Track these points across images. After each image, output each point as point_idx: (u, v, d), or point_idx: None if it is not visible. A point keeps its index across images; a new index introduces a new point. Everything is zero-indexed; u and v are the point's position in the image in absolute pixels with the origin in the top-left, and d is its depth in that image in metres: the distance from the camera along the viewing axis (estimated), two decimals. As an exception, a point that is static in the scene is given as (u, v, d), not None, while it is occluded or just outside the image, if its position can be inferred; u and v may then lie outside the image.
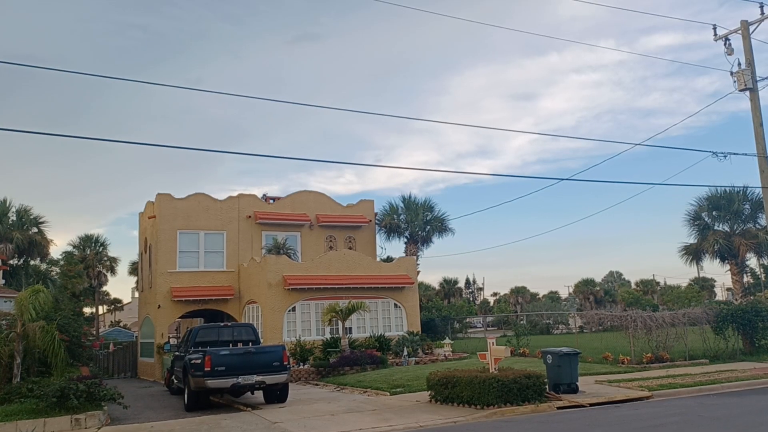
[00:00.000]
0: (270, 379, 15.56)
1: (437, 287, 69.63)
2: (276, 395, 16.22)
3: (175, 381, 19.05)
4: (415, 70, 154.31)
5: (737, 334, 23.88)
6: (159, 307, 27.50)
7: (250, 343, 17.93)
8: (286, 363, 15.92)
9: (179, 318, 30.12)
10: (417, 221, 35.31)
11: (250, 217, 29.64)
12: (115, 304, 67.33)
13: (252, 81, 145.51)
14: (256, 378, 15.38)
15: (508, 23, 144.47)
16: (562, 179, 24.93)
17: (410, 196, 36.22)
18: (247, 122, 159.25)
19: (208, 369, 15.06)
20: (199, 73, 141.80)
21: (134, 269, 50.67)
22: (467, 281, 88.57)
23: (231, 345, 17.80)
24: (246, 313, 27.61)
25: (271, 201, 31.26)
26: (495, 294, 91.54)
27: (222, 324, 19.88)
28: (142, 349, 30.76)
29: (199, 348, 16.74)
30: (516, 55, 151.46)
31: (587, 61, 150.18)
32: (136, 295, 44.09)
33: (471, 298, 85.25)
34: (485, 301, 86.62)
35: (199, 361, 15.37)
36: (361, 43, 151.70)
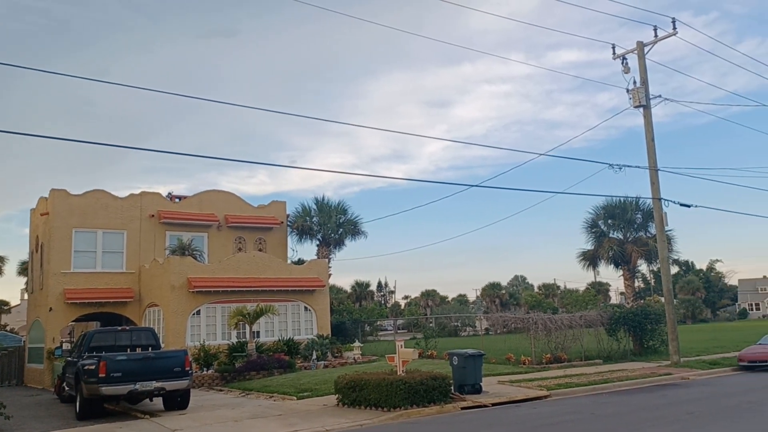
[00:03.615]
0: (170, 385, 14.97)
1: (349, 290, 69.63)
2: (177, 402, 15.64)
3: (67, 388, 17.95)
4: (333, 74, 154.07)
5: (628, 335, 25.40)
6: (51, 309, 25.75)
7: (150, 348, 17.29)
8: (187, 368, 15.38)
9: (73, 321, 28.33)
10: (330, 224, 35.12)
11: (153, 216, 28.36)
12: (2, 307, 62.47)
13: (162, 76, 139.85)
14: (155, 384, 14.76)
15: (423, 32, 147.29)
16: (472, 185, 25.71)
17: (323, 199, 35.96)
18: (155, 118, 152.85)
19: (103, 375, 14.29)
20: (104, 64, 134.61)
21: (24, 269, 47.16)
22: (379, 284, 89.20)
23: (129, 350, 17.08)
24: (147, 316, 26.39)
25: (177, 200, 30.07)
26: (406, 297, 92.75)
27: (119, 328, 18.94)
28: (31, 355, 28.69)
29: (94, 353, 15.84)
30: (431, 63, 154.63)
31: (498, 72, 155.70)
32: (26, 297, 41.16)
33: (383, 301, 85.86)
34: (396, 304, 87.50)
35: (93, 367, 14.54)
36: (279, 43, 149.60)
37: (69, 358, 18.05)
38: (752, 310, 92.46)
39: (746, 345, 24.21)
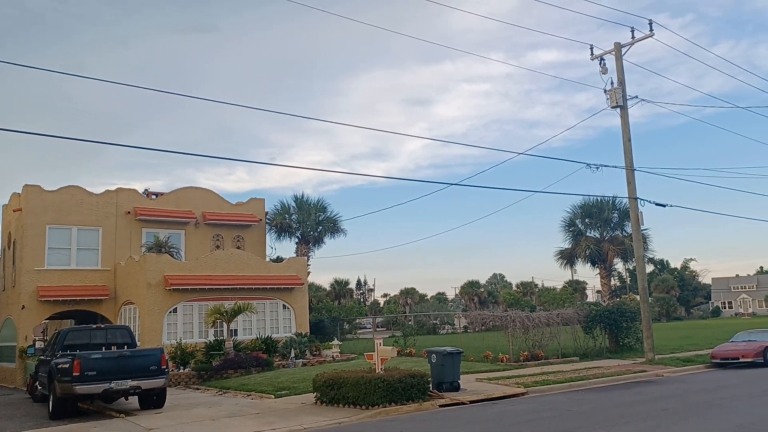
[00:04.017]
0: (146, 383, 14.80)
1: (328, 288, 69.52)
2: (153, 400, 15.49)
3: (39, 387, 17.67)
4: (314, 71, 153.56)
5: (604, 333, 25.71)
6: (23, 307, 25.27)
7: (126, 346, 17.08)
8: (164, 367, 15.22)
9: (47, 319, 27.82)
10: (309, 221, 34.97)
11: (129, 212, 27.97)
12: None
13: (140, 71, 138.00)
14: (130, 383, 14.59)
15: (405, 31, 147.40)
16: (452, 184, 25.85)
17: (303, 196, 35.83)
18: (133, 114, 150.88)
19: (77, 374, 14.08)
20: (80, 59, 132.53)
21: (-4, 267, 46.20)
22: (358, 282, 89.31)
23: (104, 348, 16.86)
24: (122, 314, 26.04)
25: (154, 196, 29.69)
26: (385, 295, 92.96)
27: (94, 326, 18.70)
28: (2, 354, 28.13)
29: (68, 351, 15.61)
30: (412, 61, 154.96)
31: (478, 72, 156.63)
32: (-2, 294, 40.33)
33: (362, 299, 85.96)
34: (375, 302, 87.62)
35: (67, 366, 14.31)
36: (259, 39, 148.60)
37: (42, 357, 17.76)
38: (725, 308, 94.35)
39: (719, 342, 24.65)
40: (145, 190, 29.99)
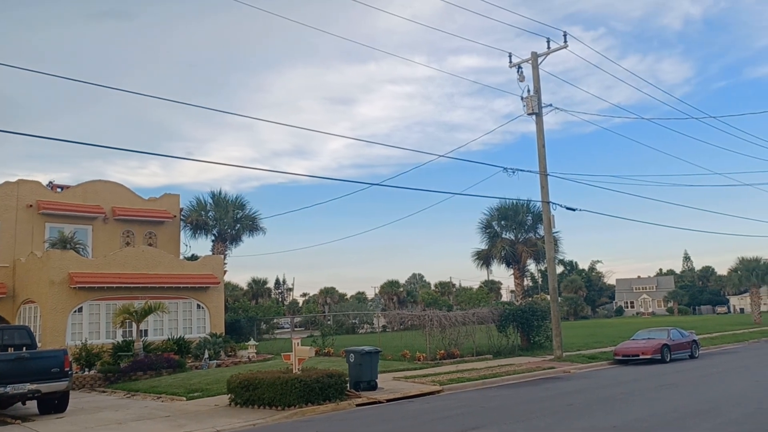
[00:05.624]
0: (46, 387, 13.94)
1: (245, 287, 68.15)
2: (54, 405, 14.61)
3: (-77, 394, 16.19)
4: (236, 66, 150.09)
5: (517, 331, 26.62)
6: None
7: (24, 348, 16.01)
8: (67, 369, 14.38)
9: (-66, 320, 25.71)
10: (227, 219, 34.11)
11: (31, 206, 26.28)
12: None
13: (45, 55, 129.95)
14: (29, 386, 13.70)
15: (330, 29, 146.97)
16: (373, 184, 25.94)
17: (220, 193, 34.90)
18: (39, 102, 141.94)
19: (-32, 378, 13.02)
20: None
21: None
22: (277, 281, 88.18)
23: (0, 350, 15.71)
24: (21, 314, 24.43)
25: (59, 189, 28.06)
26: (304, 294, 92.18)
27: (-11, 326, 17.41)
28: None
29: (-42, 354, 14.42)
30: (336, 60, 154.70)
31: (402, 73, 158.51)
32: None
33: (280, 299, 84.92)
34: (294, 302, 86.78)
35: (-45, 370, 13.21)
36: (178, 30, 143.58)
37: (-73, 361, 16.34)
38: (627, 307, 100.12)
39: (621, 340, 26.13)
40: (50, 182, 28.35)
